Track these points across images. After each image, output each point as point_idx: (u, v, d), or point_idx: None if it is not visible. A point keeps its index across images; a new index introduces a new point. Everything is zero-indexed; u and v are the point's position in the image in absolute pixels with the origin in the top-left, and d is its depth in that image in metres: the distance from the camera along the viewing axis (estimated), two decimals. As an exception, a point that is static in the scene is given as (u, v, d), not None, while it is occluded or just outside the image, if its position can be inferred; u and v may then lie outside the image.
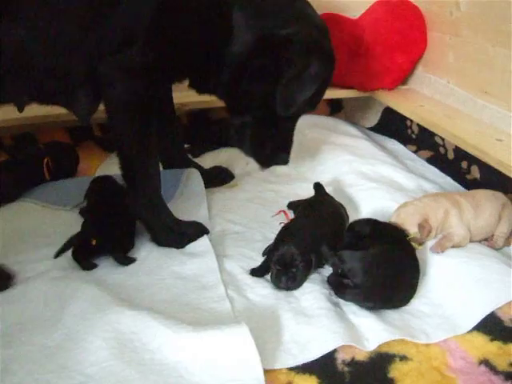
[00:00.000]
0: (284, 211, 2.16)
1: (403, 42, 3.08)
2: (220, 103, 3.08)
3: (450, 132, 2.49)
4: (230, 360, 1.47)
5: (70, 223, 2.24)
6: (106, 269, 1.93)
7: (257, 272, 1.90)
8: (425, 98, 3.01)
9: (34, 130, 3.05)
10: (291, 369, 1.53)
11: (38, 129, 3.05)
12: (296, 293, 1.81)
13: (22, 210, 2.38)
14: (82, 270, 1.91)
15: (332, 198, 2.22)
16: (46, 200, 2.44)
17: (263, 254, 1.93)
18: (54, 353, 1.55)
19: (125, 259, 1.98)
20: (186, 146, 2.97)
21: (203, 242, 2.02)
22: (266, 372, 1.46)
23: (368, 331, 1.65)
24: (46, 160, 2.60)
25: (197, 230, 2.07)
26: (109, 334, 1.55)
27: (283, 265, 1.80)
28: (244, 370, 1.45)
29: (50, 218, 2.32)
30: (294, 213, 2.22)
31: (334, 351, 1.58)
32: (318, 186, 2.32)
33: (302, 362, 1.55)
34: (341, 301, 1.77)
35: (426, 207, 2.05)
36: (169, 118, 2.45)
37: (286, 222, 2.07)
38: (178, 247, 2.02)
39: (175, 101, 3.02)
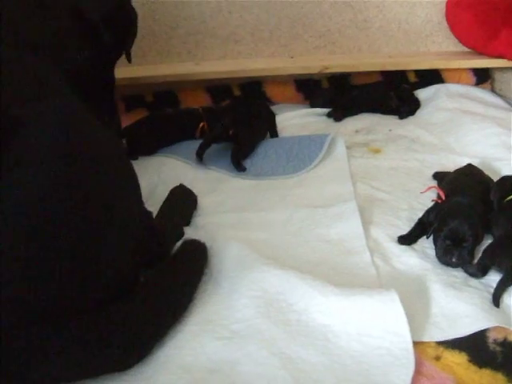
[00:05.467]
0: (436, 187, 2.07)
1: (562, 10, 2.90)
2: (363, 67, 3.05)
3: None
4: (379, 327, 1.42)
5: (209, 180, 2.32)
6: (250, 226, 1.94)
7: (405, 240, 1.84)
8: None
9: (174, 88, 3.10)
10: (440, 343, 1.46)
11: (179, 87, 3.10)
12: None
13: (166, 164, 2.44)
14: (226, 228, 1.91)
15: (482, 172, 2.12)
16: (187, 157, 2.49)
17: (427, 236, 1.83)
18: (198, 306, 1.55)
19: (239, 165, 2.34)
20: (327, 110, 2.95)
21: (350, 206, 1.99)
22: (414, 344, 1.39)
23: (525, 311, 1.55)
24: (202, 124, 2.65)
25: None
26: (255, 293, 1.54)
27: (454, 240, 1.73)
28: (392, 339, 1.40)
29: (190, 174, 2.36)
30: (439, 184, 2.14)
31: (485, 330, 1.50)
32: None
33: (450, 338, 1.47)
34: (491, 280, 1.67)
35: None
36: None
37: (437, 198, 1.99)
38: None
39: (316, 63, 3.01)
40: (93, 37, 1.95)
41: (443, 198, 1.93)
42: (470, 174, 2.10)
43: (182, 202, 2.01)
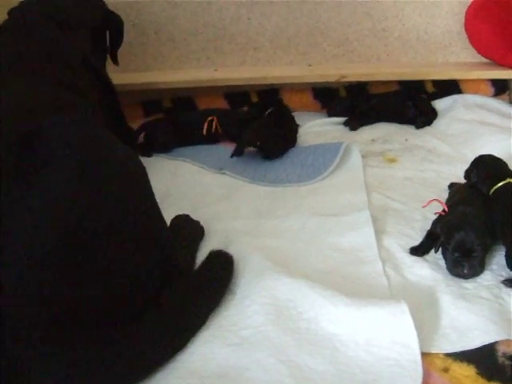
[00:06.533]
0: (438, 200, 2.05)
1: None
2: (381, 77, 3.05)
3: None
4: (388, 338, 1.43)
5: (224, 185, 2.34)
6: (264, 233, 1.95)
7: (417, 251, 1.83)
8: None
9: (192, 94, 3.12)
10: (448, 355, 1.46)
11: (197, 93, 3.12)
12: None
13: (181, 168, 2.50)
14: (239, 234, 1.92)
15: None
16: (202, 162, 2.52)
17: (436, 251, 1.81)
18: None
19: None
20: (343, 118, 2.95)
21: (363, 216, 1.99)
22: (422, 355, 1.40)
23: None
24: (210, 118, 2.66)
25: None
26: (265, 300, 1.55)
27: (463, 251, 1.72)
28: (401, 350, 1.40)
29: (205, 179, 2.40)
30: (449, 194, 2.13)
31: (495, 342, 1.49)
32: None
33: (459, 350, 1.47)
34: (503, 291, 1.67)
35: None
36: None
37: (441, 211, 1.97)
38: None
39: (334, 72, 3.02)
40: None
41: (446, 210, 1.92)
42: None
43: (189, 231, 1.95)
